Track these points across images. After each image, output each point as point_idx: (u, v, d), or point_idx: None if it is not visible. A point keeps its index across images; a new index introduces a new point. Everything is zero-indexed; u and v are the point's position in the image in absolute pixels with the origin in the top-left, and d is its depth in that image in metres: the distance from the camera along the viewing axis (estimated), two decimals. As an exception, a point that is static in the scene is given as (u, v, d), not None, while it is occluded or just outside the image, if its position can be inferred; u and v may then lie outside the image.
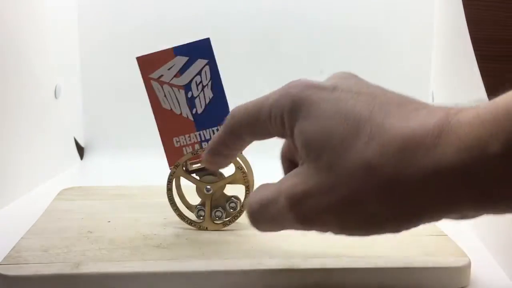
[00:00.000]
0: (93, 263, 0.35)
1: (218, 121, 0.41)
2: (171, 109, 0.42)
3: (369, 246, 0.39)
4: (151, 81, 0.42)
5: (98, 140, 0.77)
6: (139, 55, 0.41)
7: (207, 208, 0.42)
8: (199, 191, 0.43)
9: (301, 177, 0.27)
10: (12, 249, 0.38)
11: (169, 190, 0.42)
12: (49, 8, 0.65)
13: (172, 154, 0.43)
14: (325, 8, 0.73)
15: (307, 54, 0.73)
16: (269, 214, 0.29)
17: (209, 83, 0.42)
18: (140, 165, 0.71)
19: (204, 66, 0.41)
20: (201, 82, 0.42)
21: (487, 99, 0.44)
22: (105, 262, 0.36)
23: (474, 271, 0.37)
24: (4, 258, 0.36)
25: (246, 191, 0.42)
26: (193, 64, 0.41)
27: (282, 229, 0.30)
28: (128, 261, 0.36)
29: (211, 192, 0.42)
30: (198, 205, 0.43)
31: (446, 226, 0.43)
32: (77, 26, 0.74)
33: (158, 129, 0.42)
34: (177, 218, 0.44)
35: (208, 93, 0.42)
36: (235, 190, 0.43)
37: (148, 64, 0.42)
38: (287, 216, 0.28)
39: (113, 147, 0.75)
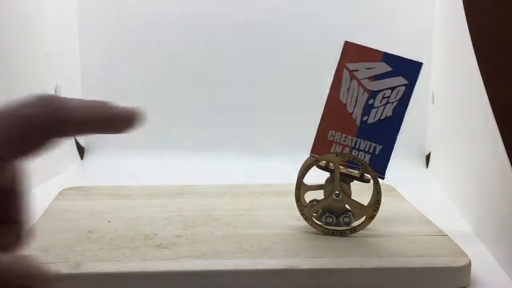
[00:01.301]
0: (93, 263, 0.35)
1: (380, 140, 0.41)
2: (345, 104, 0.41)
3: (369, 246, 0.39)
4: (345, 69, 0.41)
5: (98, 140, 0.77)
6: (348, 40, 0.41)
7: (318, 207, 0.42)
8: (327, 189, 0.42)
9: None
10: (12, 249, 0.38)
11: (302, 177, 0.41)
12: (49, 9, 0.65)
13: (320, 143, 0.41)
14: (325, 9, 0.73)
15: (306, 54, 0.73)
16: None
17: (395, 103, 0.40)
18: (140, 165, 0.71)
19: (401, 85, 0.40)
20: (388, 97, 0.40)
21: (488, 99, 0.44)
22: (105, 262, 0.36)
23: (474, 271, 0.37)
24: (4, 258, 0.36)
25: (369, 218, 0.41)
26: (393, 78, 0.40)
27: None
28: (128, 261, 0.36)
29: (339, 198, 0.41)
30: (326, 211, 0.42)
31: (446, 226, 0.44)
32: (77, 26, 0.74)
33: (322, 114, 0.41)
34: (176, 218, 0.44)
35: (388, 111, 0.40)
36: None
37: (352, 53, 0.40)
38: None
39: (113, 147, 0.75)
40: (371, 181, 0.41)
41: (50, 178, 0.64)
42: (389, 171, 0.68)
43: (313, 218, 0.42)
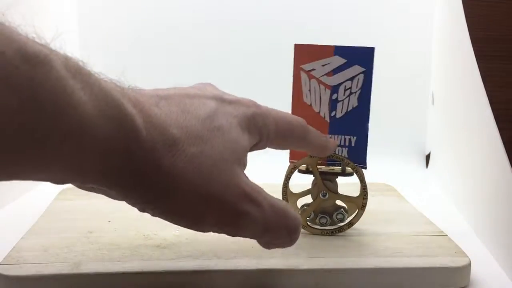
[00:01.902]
0: (93, 263, 0.35)
1: (353, 131, 0.41)
2: (311, 104, 0.41)
3: (369, 246, 0.39)
4: (301, 71, 0.41)
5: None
6: (297, 42, 0.40)
7: (310, 210, 0.42)
8: (314, 192, 0.42)
9: None
10: (12, 249, 0.38)
11: (285, 186, 0.41)
12: (49, 8, 0.65)
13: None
14: (323, 9, 0.73)
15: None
16: None
17: (358, 92, 0.40)
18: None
19: (359, 74, 0.40)
20: (350, 88, 0.40)
21: (487, 99, 0.44)
22: (105, 262, 0.36)
23: (474, 271, 0.37)
24: (4, 258, 0.36)
25: (358, 212, 0.41)
26: (349, 68, 0.40)
27: None
28: (128, 261, 0.36)
29: (326, 197, 0.41)
30: (320, 213, 0.42)
31: (446, 226, 0.44)
32: (77, 26, 0.74)
33: None
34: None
35: (353, 101, 0.40)
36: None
37: (304, 54, 0.40)
38: None
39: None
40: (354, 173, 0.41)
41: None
42: (389, 170, 0.68)
43: (308, 224, 0.42)
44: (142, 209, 0.29)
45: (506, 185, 0.41)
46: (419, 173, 0.70)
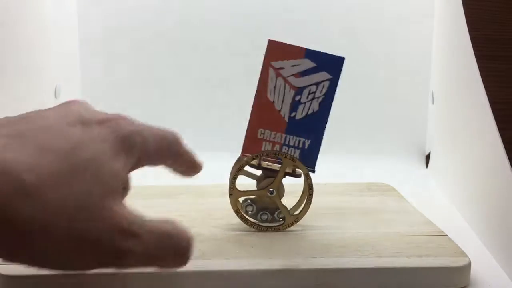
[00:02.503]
0: (93, 263, 0.35)
1: (309, 135, 0.41)
2: (273, 102, 0.41)
3: (369, 246, 0.39)
4: (270, 68, 0.41)
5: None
6: (272, 39, 0.41)
7: (282, 207, 0.42)
8: (263, 196, 0.42)
9: None
10: (12, 249, 0.38)
11: (233, 181, 0.42)
12: (49, 8, 0.65)
13: (251, 142, 0.42)
14: (323, 7, 0.73)
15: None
16: None
17: (321, 98, 0.41)
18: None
19: (325, 80, 0.40)
20: (314, 92, 0.41)
21: (487, 99, 0.44)
22: (105, 262, 0.36)
23: (474, 271, 0.37)
24: (4, 258, 0.36)
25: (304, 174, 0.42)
26: (317, 73, 0.40)
27: None
28: (128, 261, 0.36)
29: (274, 194, 0.42)
30: (262, 209, 0.42)
31: (446, 226, 0.44)
32: (77, 26, 0.74)
33: (251, 113, 0.41)
34: (176, 218, 0.44)
35: (315, 106, 0.41)
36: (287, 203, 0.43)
37: (276, 51, 0.41)
38: None
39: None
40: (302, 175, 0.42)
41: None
42: (389, 170, 0.68)
43: (248, 218, 0.42)
44: (9, 262, 0.26)
45: (506, 185, 0.41)
46: (419, 173, 0.70)
